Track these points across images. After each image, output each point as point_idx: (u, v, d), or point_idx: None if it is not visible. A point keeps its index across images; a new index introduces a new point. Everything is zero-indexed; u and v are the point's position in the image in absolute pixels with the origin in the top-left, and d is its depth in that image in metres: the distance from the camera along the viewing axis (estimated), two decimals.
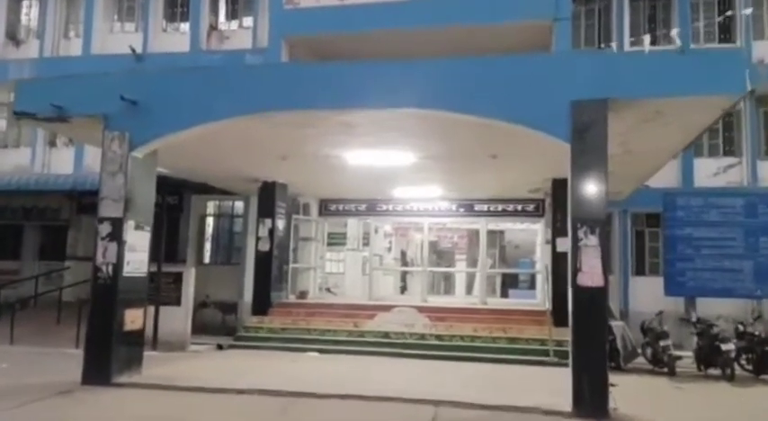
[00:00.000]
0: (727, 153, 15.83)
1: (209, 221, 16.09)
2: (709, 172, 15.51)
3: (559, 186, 11.87)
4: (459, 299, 17.56)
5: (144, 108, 7.97)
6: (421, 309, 12.23)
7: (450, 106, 7.28)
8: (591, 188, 6.90)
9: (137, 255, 8.19)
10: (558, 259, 11.81)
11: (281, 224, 13.15)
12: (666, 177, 13.70)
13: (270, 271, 12.74)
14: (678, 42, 6.28)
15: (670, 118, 7.47)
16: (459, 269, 24.33)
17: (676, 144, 8.94)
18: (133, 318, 8.18)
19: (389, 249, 24.71)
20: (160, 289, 12.15)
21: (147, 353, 11.15)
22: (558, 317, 11.16)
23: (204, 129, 8.04)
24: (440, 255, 34.86)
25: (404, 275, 24.57)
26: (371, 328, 11.76)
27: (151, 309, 11.91)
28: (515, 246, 25.92)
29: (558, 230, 11.87)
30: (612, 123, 6.97)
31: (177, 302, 12.57)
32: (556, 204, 12.00)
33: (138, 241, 8.20)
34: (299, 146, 9.73)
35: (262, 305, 12.62)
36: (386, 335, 11.54)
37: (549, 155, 9.64)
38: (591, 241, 6.84)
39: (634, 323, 13.47)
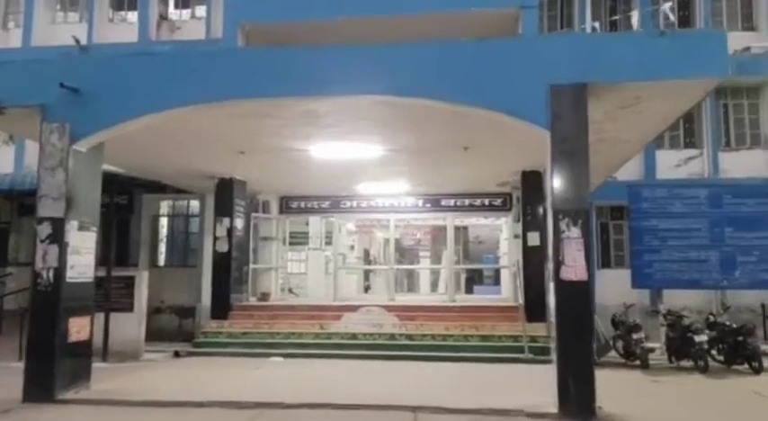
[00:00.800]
0: (687, 145, 15.95)
1: (163, 222, 15.25)
2: (671, 164, 15.59)
3: (530, 179, 11.63)
4: (425, 296, 17.20)
5: (87, 97, 7.24)
6: (389, 309, 11.78)
7: (422, 92, 6.83)
8: (572, 177, 6.56)
9: (81, 258, 7.45)
10: (528, 253, 11.56)
11: (239, 223, 12.48)
12: (629, 170, 13.62)
13: (229, 272, 12.07)
14: (671, 17, 6.01)
15: (648, 104, 7.22)
16: (427, 266, 24.06)
17: (650, 132, 8.74)
18: (79, 328, 7.44)
19: (352, 248, 24.27)
20: (110, 294, 11.37)
21: (97, 365, 10.35)
22: (531, 312, 10.92)
23: (153, 119, 7.37)
24: (402, 252, 34.60)
25: (367, 274, 24.18)
26: (338, 330, 11.24)
27: (100, 317, 11.20)
28: (479, 242, 25.83)
29: (528, 224, 11.62)
30: (590, 110, 6.65)
31: (129, 308, 11.79)
32: (526, 197, 11.75)
33: (82, 243, 7.46)
34: (259, 138, 9.12)
35: (221, 309, 11.93)
36: (354, 336, 11.04)
37: (521, 146, 9.35)
38: (573, 233, 6.49)
39: (602, 316, 13.42)
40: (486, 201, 14.18)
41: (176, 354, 11.45)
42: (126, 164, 10.92)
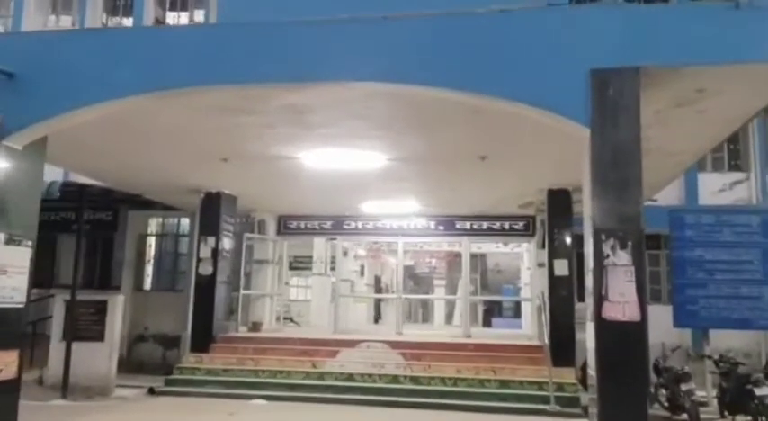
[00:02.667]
0: (732, 168, 14.29)
1: (151, 241, 13.94)
2: (714, 188, 13.91)
3: (556, 199, 10.11)
4: (437, 331, 15.55)
5: (21, 82, 5.97)
6: (393, 345, 10.22)
7: (425, 78, 5.43)
8: (620, 187, 5.08)
9: (9, 279, 6.08)
10: (555, 285, 9.98)
11: (227, 243, 11.09)
12: (667, 194, 12.01)
13: (212, 299, 10.64)
14: None
15: (712, 100, 5.74)
16: (438, 296, 22.46)
17: (708, 141, 7.24)
18: (1, 364, 6.05)
19: (362, 274, 22.83)
20: (77, 321, 10.03)
21: (53, 403, 9.05)
22: (558, 354, 9.28)
23: (106, 110, 6.07)
24: (417, 280, 32.97)
25: (378, 304, 22.63)
26: (332, 369, 9.70)
27: (62, 347, 9.85)
28: (498, 271, 24.15)
29: (554, 251, 10.06)
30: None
31: (100, 337, 10.44)
32: (552, 220, 10.20)
33: (12, 261, 6.11)
34: (241, 143, 7.79)
35: (202, 340, 10.48)
36: (350, 377, 9.49)
37: (548, 156, 7.91)
38: (621, 259, 4.97)
39: None
40: (507, 225, 12.66)
41: (151, 391, 10.00)
42: (95, 172, 9.69)
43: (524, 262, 20.09)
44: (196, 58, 5.83)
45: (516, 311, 22.38)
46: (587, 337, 5.32)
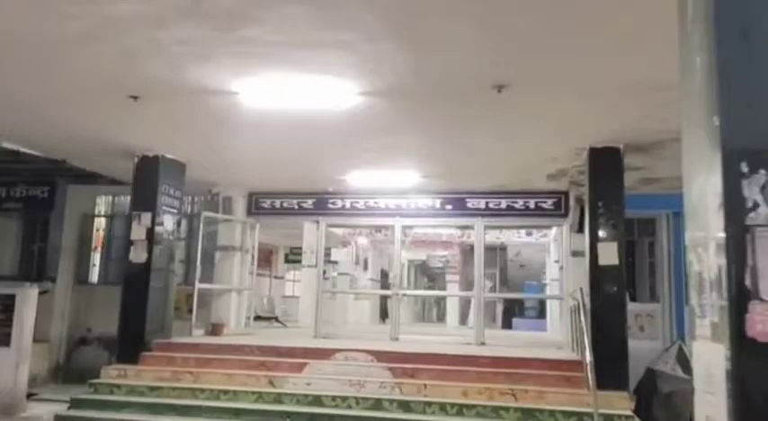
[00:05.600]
0: None
1: (100, 223, 11.54)
2: None
3: (602, 161, 7.45)
4: (447, 334, 12.89)
5: None
6: (380, 356, 7.65)
7: None
8: None
9: None
10: (600, 278, 7.30)
11: (169, 222, 8.62)
12: None
13: (145, 293, 8.18)
14: None
15: None
16: (445, 293, 19.91)
17: None
18: None
19: (365, 268, 20.38)
20: None
21: None
22: (604, 372, 6.58)
23: None
24: (431, 276, 30.36)
25: (383, 301, 20.16)
26: (295, 389, 7.16)
27: None
28: (520, 265, 21.40)
29: (599, 232, 7.38)
30: None
31: (5, 342, 8.13)
32: (596, 191, 7.52)
33: None
34: (142, 66, 5.28)
35: (130, 347, 8.03)
36: (317, 400, 6.95)
37: (591, 93, 5.30)
38: None
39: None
40: (531, 203, 10.00)
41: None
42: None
43: (550, 254, 17.45)
44: None
45: (540, 311, 19.69)
46: (696, 378, 2.71)
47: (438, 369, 7.39)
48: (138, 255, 8.23)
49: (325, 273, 21.11)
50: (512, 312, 20.01)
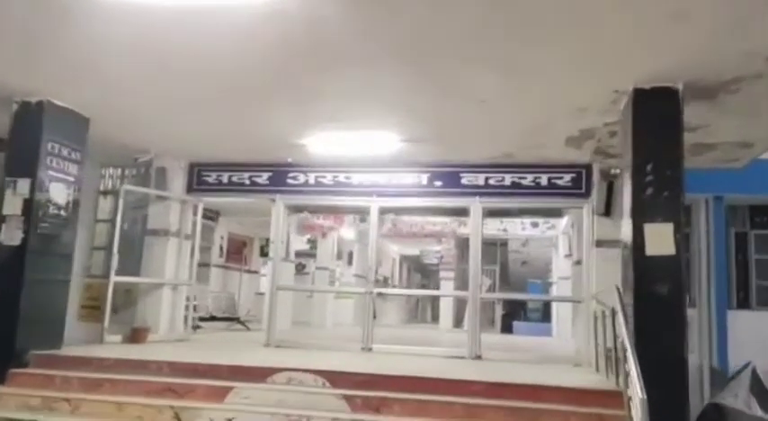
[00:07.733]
0: None
1: None
2: None
3: (652, 108, 5.27)
4: (433, 347, 10.60)
5: None
6: (336, 379, 5.48)
7: None
8: None
9: None
10: (645, 274, 5.11)
11: (60, 192, 6.41)
12: None
13: (17, 287, 5.99)
14: None
15: None
16: (431, 292, 17.82)
17: None
18: None
19: (349, 263, 18.32)
20: None
21: None
22: (654, 409, 4.37)
23: None
24: (424, 273, 28.17)
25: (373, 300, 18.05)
26: None
27: None
28: (522, 262, 19.18)
29: (645, 209, 5.18)
30: None
31: None
32: (641, 151, 5.29)
33: None
34: None
35: None
36: None
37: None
38: None
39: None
40: (544, 179, 7.83)
41: None
42: None
43: (558, 249, 15.32)
44: None
45: (545, 313, 17.54)
46: None
47: (414, 400, 5.22)
48: (10, 236, 6.03)
49: (304, 267, 19.16)
50: (514, 315, 17.84)
